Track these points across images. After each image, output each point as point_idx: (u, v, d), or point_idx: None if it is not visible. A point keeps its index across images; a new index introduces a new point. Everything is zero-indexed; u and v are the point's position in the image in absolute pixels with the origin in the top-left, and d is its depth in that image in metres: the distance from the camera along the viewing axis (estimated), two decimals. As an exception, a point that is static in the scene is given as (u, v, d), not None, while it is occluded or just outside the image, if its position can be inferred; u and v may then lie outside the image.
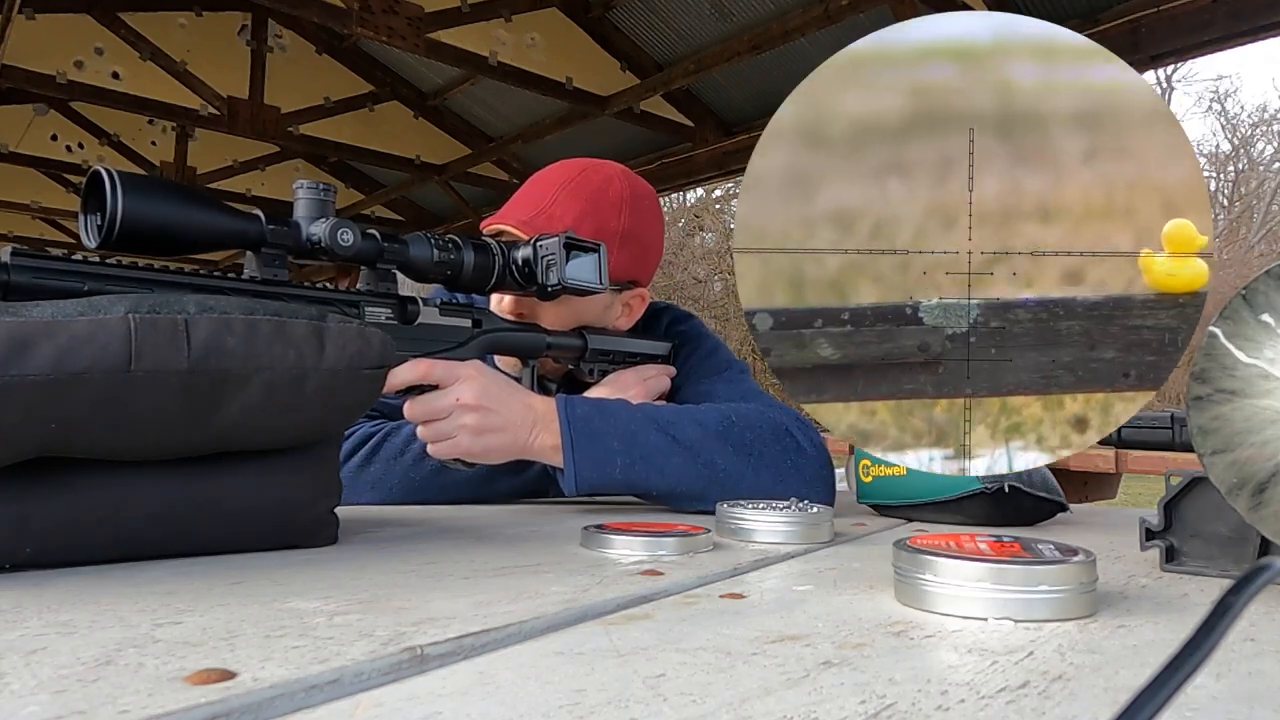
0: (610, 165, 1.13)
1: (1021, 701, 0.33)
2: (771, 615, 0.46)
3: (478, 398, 0.84)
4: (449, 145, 5.41)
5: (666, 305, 1.23)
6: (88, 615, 0.41)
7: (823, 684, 0.34)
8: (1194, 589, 0.57)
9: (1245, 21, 2.91)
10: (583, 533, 0.67)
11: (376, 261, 0.80)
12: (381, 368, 0.61)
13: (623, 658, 0.37)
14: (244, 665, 0.33)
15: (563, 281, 0.90)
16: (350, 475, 0.95)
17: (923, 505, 0.94)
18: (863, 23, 3.28)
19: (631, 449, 0.89)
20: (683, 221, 14.04)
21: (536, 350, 0.99)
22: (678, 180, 4.94)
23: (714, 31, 3.91)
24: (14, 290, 0.57)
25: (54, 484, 0.51)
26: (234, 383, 0.53)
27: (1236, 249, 14.99)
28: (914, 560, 0.48)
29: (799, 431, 0.97)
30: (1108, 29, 3.12)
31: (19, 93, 4.69)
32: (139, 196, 0.63)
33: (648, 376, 1.08)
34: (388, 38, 3.61)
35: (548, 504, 1.02)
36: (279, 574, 0.52)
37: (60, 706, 0.29)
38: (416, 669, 0.35)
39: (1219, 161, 16.42)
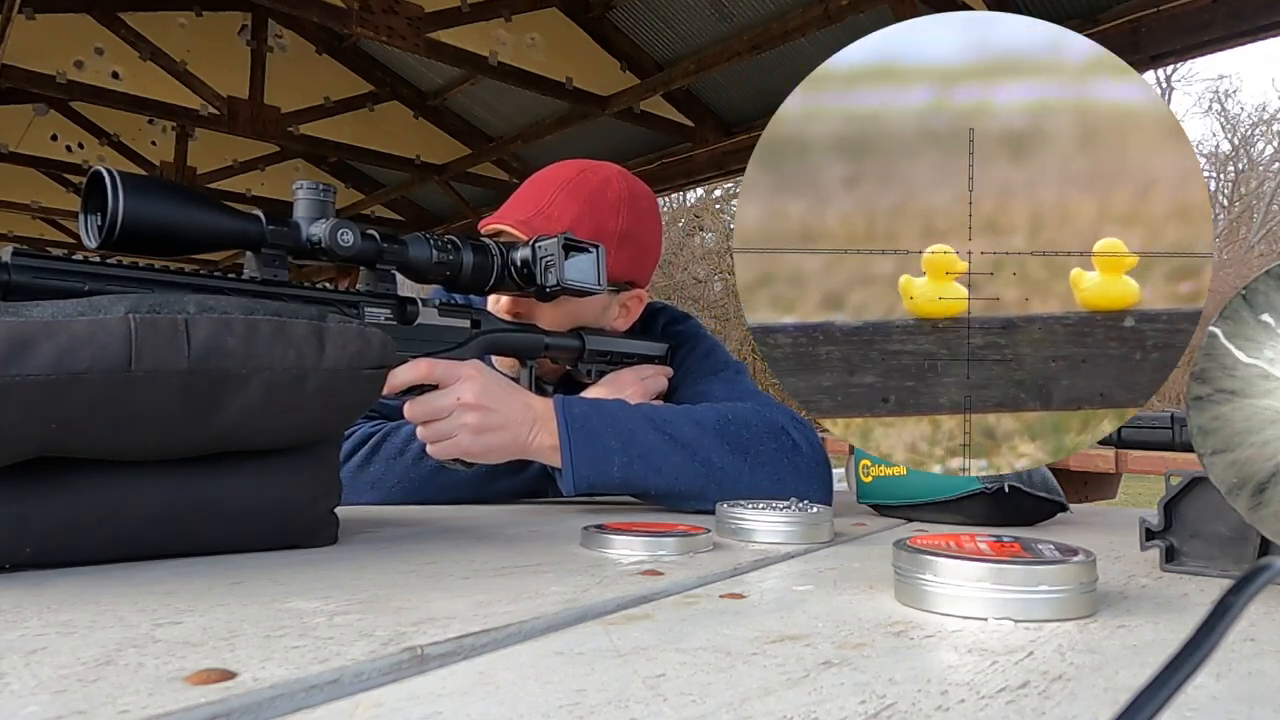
0: (608, 166, 1.13)
1: (1021, 701, 0.33)
2: (771, 615, 0.46)
3: (478, 397, 0.84)
4: (449, 145, 5.42)
5: (663, 306, 1.23)
6: (88, 615, 0.41)
7: (823, 684, 0.34)
8: (1194, 589, 0.57)
9: (1245, 21, 2.91)
10: (583, 533, 0.67)
11: (376, 262, 0.80)
12: (381, 368, 0.61)
13: (623, 658, 0.37)
14: (244, 665, 0.33)
15: (561, 282, 0.90)
16: (350, 475, 0.95)
17: (923, 505, 0.94)
18: (863, 23, 3.28)
19: (629, 448, 0.89)
20: (683, 221, 14.05)
21: (535, 351, 0.99)
22: (678, 180, 4.94)
23: (714, 31, 3.91)
24: (14, 290, 0.57)
25: (54, 484, 0.51)
26: (234, 383, 0.53)
27: (1236, 249, 14.99)
28: (914, 560, 0.48)
29: (795, 430, 0.97)
30: (1107, 29, 3.12)
31: (19, 93, 4.69)
32: (140, 196, 0.63)
33: (645, 376, 1.08)
34: (388, 38, 3.61)
35: (548, 504, 1.02)
36: (279, 574, 0.52)
37: (60, 706, 0.29)
38: (416, 669, 0.35)
39: (1219, 161, 16.42)
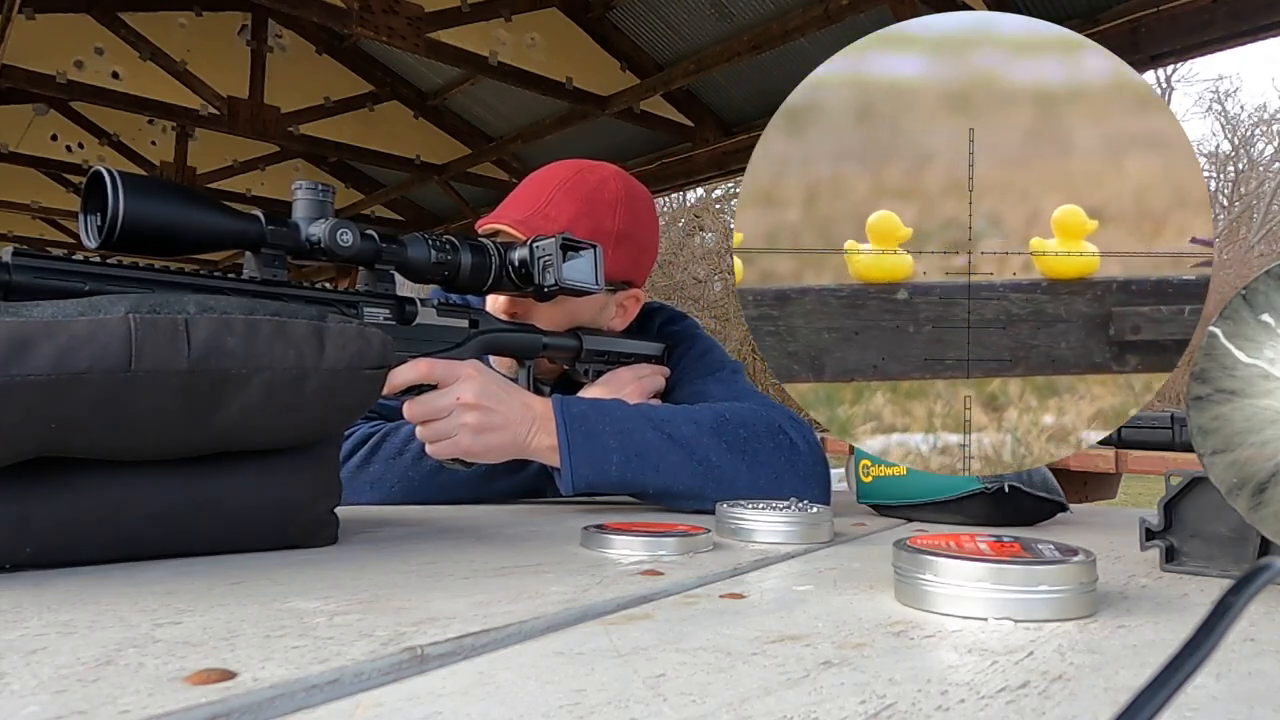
0: (605, 166, 1.13)
1: (1021, 701, 0.33)
2: (771, 615, 0.46)
3: (478, 397, 0.84)
4: (449, 145, 5.41)
5: (660, 305, 1.23)
6: (88, 615, 0.41)
7: (823, 684, 0.34)
8: (1194, 589, 0.57)
9: (1245, 21, 2.91)
10: (583, 533, 0.67)
11: (375, 262, 0.80)
12: (381, 368, 0.61)
13: (623, 658, 0.37)
14: (244, 665, 0.33)
15: (559, 282, 0.90)
16: (349, 475, 0.95)
17: (923, 505, 0.94)
18: (863, 23, 3.28)
19: (627, 446, 0.89)
20: (683, 221, 14.04)
21: (533, 350, 0.99)
22: (678, 180, 4.94)
23: (714, 31, 3.91)
24: (15, 290, 0.57)
25: (54, 484, 0.51)
26: (234, 383, 0.53)
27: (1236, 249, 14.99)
28: (914, 560, 0.48)
29: (793, 429, 0.97)
30: (1107, 29, 3.12)
31: (19, 93, 4.68)
32: (140, 197, 0.63)
33: (643, 375, 1.08)
34: (388, 38, 3.61)
35: (547, 504, 1.02)
36: (279, 574, 0.52)
37: (60, 706, 0.29)
38: (416, 669, 0.35)
39: (1219, 161, 16.42)
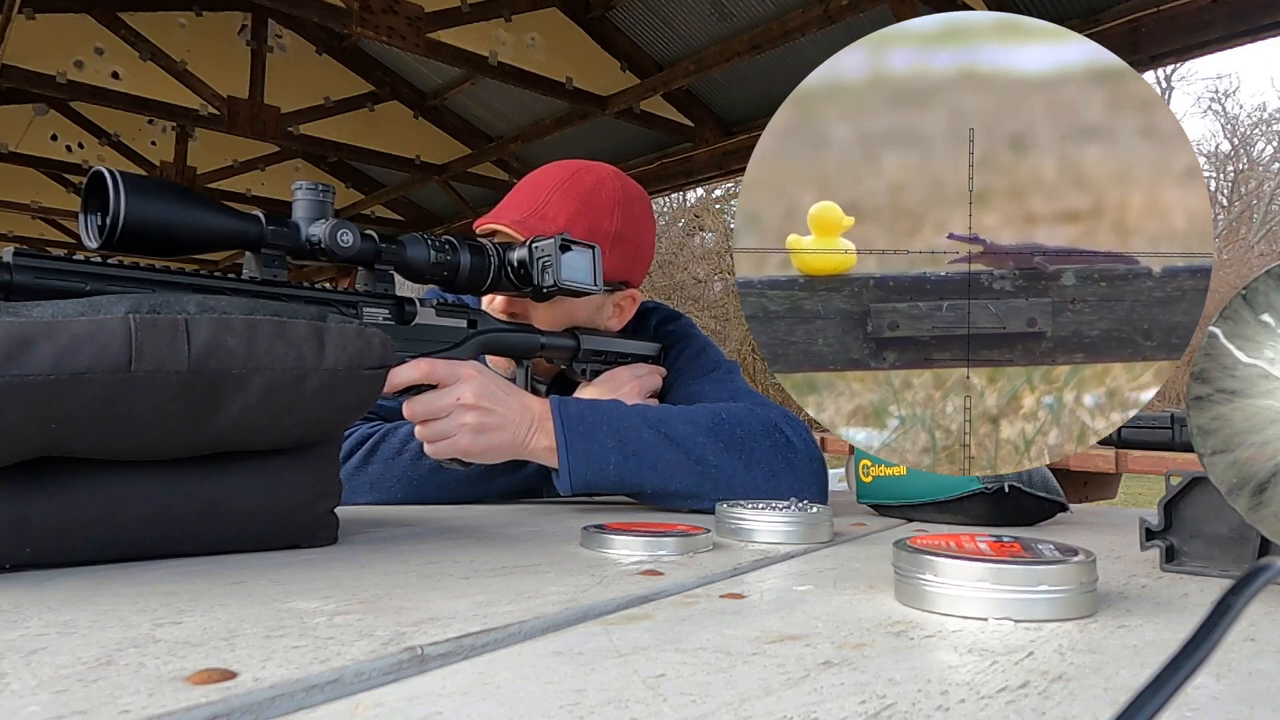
0: (602, 167, 1.14)
1: (1021, 701, 0.33)
2: (771, 615, 0.46)
3: (478, 397, 0.84)
4: (449, 145, 5.42)
5: (656, 305, 1.23)
6: (88, 615, 0.41)
7: (823, 684, 0.34)
8: (1194, 589, 0.57)
9: (1245, 21, 2.91)
10: (582, 533, 0.67)
11: (374, 262, 0.80)
12: (382, 368, 0.61)
13: (623, 658, 0.37)
14: (244, 665, 0.33)
15: (558, 282, 0.90)
16: (348, 475, 0.95)
17: (923, 505, 0.94)
18: (863, 23, 3.28)
19: (624, 446, 0.89)
20: (683, 221, 14.05)
21: (531, 350, 0.99)
22: (678, 180, 4.94)
23: (714, 31, 3.91)
24: (16, 290, 0.57)
25: (54, 484, 0.51)
26: (234, 383, 0.53)
27: (1236, 249, 14.99)
28: (914, 560, 0.48)
29: (789, 428, 0.97)
30: (1107, 29, 3.12)
31: (19, 93, 4.69)
32: (141, 197, 0.63)
33: (640, 375, 1.08)
34: (388, 37, 3.61)
35: (547, 504, 1.02)
36: (279, 574, 0.52)
37: (60, 706, 0.29)
38: (416, 669, 0.35)
39: (1219, 161, 16.42)
